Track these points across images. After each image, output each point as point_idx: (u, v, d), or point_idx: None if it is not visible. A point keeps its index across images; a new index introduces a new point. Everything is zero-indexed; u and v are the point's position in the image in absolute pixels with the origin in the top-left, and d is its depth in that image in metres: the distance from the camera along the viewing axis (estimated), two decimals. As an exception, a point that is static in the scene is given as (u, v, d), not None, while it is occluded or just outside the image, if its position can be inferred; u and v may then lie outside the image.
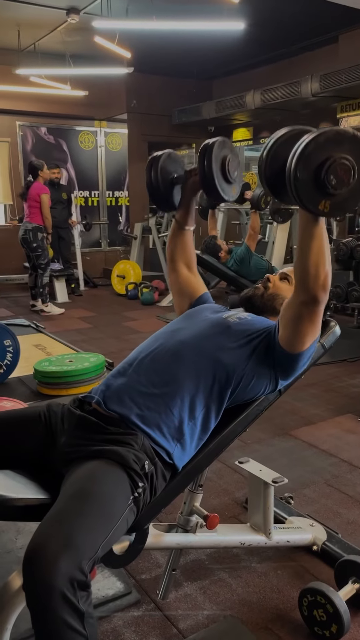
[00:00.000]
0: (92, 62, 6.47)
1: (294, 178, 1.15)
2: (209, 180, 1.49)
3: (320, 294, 1.28)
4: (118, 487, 1.20)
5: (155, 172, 1.60)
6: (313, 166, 1.14)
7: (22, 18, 5.64)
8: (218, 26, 4.61)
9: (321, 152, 1.14)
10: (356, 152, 1.16)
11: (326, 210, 1.18)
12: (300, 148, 1.15)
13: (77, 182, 8.62)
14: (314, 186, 1.16)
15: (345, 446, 2.78)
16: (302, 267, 1.27)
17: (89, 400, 1.42)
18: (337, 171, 1.14)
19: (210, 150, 1.48)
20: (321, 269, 1.26)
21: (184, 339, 1.48)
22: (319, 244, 1.24)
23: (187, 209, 1.67)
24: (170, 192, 1.64)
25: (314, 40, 6.31)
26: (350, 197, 1.19)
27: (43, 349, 4.67)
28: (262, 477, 1.76)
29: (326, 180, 1.14)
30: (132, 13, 5.19)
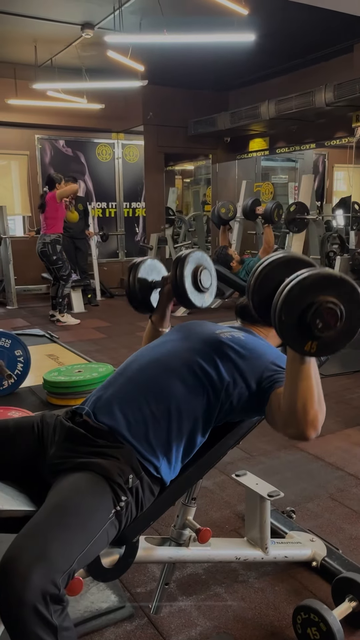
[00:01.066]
0: (108, 76, 6.56)
1: (279, 320, 1.13)
2: (180, 289, 1.60)
3: (309, 432, 1.23)
4: (99, 500, 1.19)
5: (134, 278, 1.72)
6: (298, 310, 1.12)
7: (38, 34, 5.75)
8: (228, 38, 4.64)
9: (306, 296, 1.11)
10: (343, 295, 1.13)
11: (313, 351, 1.15)
12: (286, 291, 1.13)
13: (95, 194, 8.71)
14: (299, 329, 1.13)
15: (352, 459, 2.73)
16: (290, 403, 1.23)
17: (80, 412, 1.43)
18: (323, 315, 1.11)
19: (183, 262, 1.59)
20: (309, 408, 1.21)
21: (175, 351, 1.48)
22: (307, 383, 1.20)
23: (162, 313, 1.76)
24: (147, 296, 1.75)
25: (328, 50, 6.30)
26: (338, 338, 1.15)
27: (56, 358, 4.71)
28: (258, 491, 1.74)
29: (312, 324, 1.11)
30: (145, 27, 5.26)
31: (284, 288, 1.14)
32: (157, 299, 1.77)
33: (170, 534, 1.63)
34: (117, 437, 1.33)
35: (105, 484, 1.22)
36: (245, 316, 1.65)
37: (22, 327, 6.12)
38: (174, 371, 1.42)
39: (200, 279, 1.62)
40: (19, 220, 8.41)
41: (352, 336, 1.18)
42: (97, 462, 1.26)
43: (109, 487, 1.22)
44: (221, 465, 2.63)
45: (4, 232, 7.12)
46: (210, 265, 1.68)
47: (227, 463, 2.67)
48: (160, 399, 1.38)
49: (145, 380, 1.43)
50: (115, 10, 4.76)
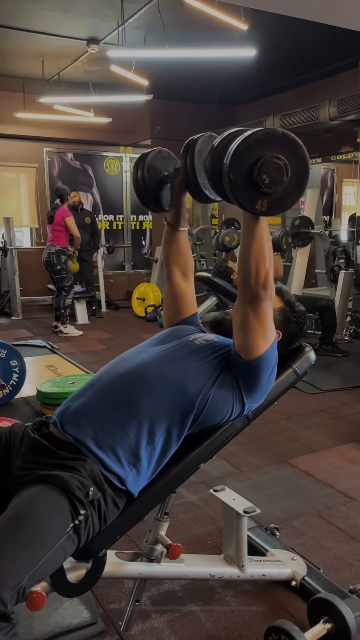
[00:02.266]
0: (114, 90, 6.64)
1: (228, 180, 1.18)
2: (191, 177, 1.42)
3: (261, 291, 1.31)
4: (56, 513, 1.17)
5: (142, 170, 1.55)
6: (245, 167, 1.16)
7: (45, 49, 5.84)
8: (229, 53, 4.67)
9: (252, 153, 1.16)
10: (287, 150, 1.17)
11: (264, 209, 1.20)
12: (232, 150, 1.17)
13: (102, 206, 8.77)
14: (248, 186, 1.17)
15: (343, 476, 2.68)
16: (244, 267, 1.31)
17: (47, 422, 1.42)
18: (269, 170, 1.15)
19: (194, 145, 1.41)
20: (261, 268, 1.29)
21: (146, 361, 1.47)
22: (259, 242, 1.27)
23: (177, 209, 1.60)
24: (158, 192, 1.58)
25: (334, 65, 6.32)
26: (286, 194, 1.20)
27: (54, 369, 4.71)
28: (234, 507, 1.70)
29: (259, 180, 1.15)
30: (149, 42, 5.32)
31: (230, 149, 1.18)
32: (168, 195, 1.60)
33: (142, 550, 1.60)
34: (80, 448, 1.31)
35: (63, 498, 1.20)
36: (221, 332, 1.63)
37: (25, 337, 6.14)
38: (145, 383, 1.41)
39: None
40: (26, 232, 8.48)
41: (300, 191, 1.22)
42: (57, 474, 1.24)
43: (67, 500, 1.20)
44: (209, 480, 2.60)
45: (10, 243, 7.18)
46: None
47: (215, 477, 2.64)
48: (129, 410, 1.37)
49: (115, 391, 1.41)
50: (119, 26, 4.82)
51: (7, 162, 7.88)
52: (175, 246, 1.65)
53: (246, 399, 1.46)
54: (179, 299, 1.69)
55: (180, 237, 1.64)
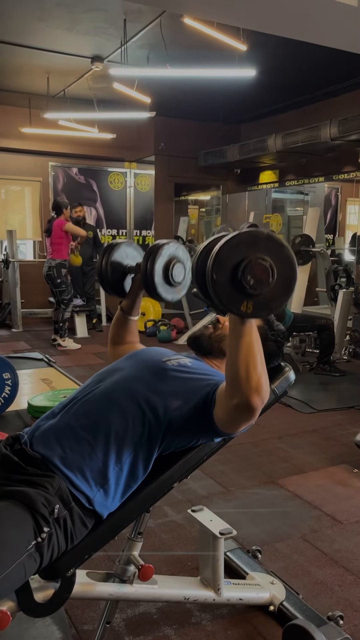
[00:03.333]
0: (118, 107, 6.72)
1: (212, 280, 1.13)
2: (149, 282, 1.55)
3: (254, 398, 1.18)
4: (17, 530, 1.16)
5: (107, 260, 1.67)
6: (229, 268, 1.12)
7: (51, 66, 5.93)
8: (229, 73, 4.72)
9: (235, 254, 1.12)
10: (272, 251, 1.13)
11: (249, 311, 1.14)
12: (215, 251, 1.14)
13: (106, 221, 8.83)
14: (232, 287, 1.12)
15: (332, 499, 2.64)
16: (232, 370, 1.20)
17: (19, 439, 1.41)
18: (254, 271, 1.10)
19: (156, 253, 1.53)
20: (252, 371, 1.17)
21: (117, 380, 1.46)
22: (247, 343, 1.18)
23: (133, 300, 1.71)
24: (120, 281, 1.70)
25: (336, 86, 6.38)
26: (273, 297, 1.14)
27: (49, 383, 4.70)
28: (210, 528, 1.68)
29: (244, 281, 1.11)
30: (152, 60, 5.39)
31: (214, 250, 1.15)
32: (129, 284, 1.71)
33: (114, 570, 1.57)
34: (48, 465, 1.30)
35: (27, 514, 1.19)
36: (198, 347, 1.62)
37: (23, 350, 6.15)
38: (116, 403, 1.40)
39: (172, 272, 1.56)
40: (29, 245, 8.54)
41: (288, 294, 1.17)
42: (22, 490, 1.23)
43: (30, 517, 1.19)
44: (195, 499, 2.57)
45: (12, 255, 7.23)
46: (185, 257, 1.62)
47: (202, 497, 2.61)
48: (98, 430, 1.36)
49: (86, 412, 1.40)
50: (122, 45, 4.89)
51: (12, 175, 7.97)
52: (124, 331, 1.75)
53: (216, 435, 1.42)
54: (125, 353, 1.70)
55: (130, 324, 1.75)
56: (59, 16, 4.51)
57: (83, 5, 4.26)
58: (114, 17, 4.47)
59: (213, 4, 3.08)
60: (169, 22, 4.37)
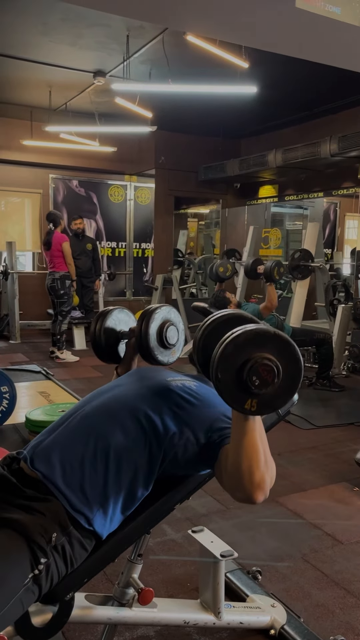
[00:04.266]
0: (119, 121, 6.76)
1: (216, 379, 1.12)
2: (144, 345, 1.57)
3: (257, 495, 1.16)
4: (13, 565, 1.13)
5: (100, 327, 1.69)
6: (234, 368, 1.11)
7: (53, 80, 5.97)
8: (230, 89, 4.76)
9: (241, 354, 1.11)
10: (279, 351, 1.12)
11: (253, 409, 1.13)
12: (220, 349, 1.12)
13: (105, 233, 8.84)
14: (237, 386, 1.12)
15: (332, 518, 2.61)
16: (235, 465, 1.18)
17: (18, 457, 1.39)
18: (259, 372, 1.09)
19: (149, 317, 1.57)
20: (255, 470, 1.15)
21: (119, 396, 1.44)
22: (251, 442, 1.16)
23: (128, 365, 1.72)
24: (114, 346, 1.72)
25: (336, 103, 6.43)
26: (277, 395, 1.13)
27: (47, 396, 4.67)
28: (211, 550, 1.65)
29: (249, 381, 1.09)
30: (154, 76, 5.43)
31: (219, 347, 1.13)
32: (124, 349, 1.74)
33: (113, 592, 1.55)
34: (48, 486, 1.27)
35: (23, 545, 1.16)
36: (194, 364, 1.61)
37: (21, 362, 6.12)
38: (116, 419, 1.38)
39: (166, 335, 1.59)
40: (29, 256, 8.54)
41: (292, 392, 1.15)
42: (19, 518, 1.19)
43: (27, 548, 1.16)
44: (194, 517, 2.55)
45: (11, 267, 7.22)
46: (177, 319, 1.66)
47: (200, 515, 2.58)
48: (99, 447, 1.33)
49: (86, 427, 1.38)
50: (124, 60, 4.93)
51: (12, 187, 7.99)
52: None
53: None
54: None
55: None
56: (62, 31, 4.54)
57: (86, 20, 4.29)
58: (117, 32, 4.51)
59: (216, 22, 3.10)
60: (171, 39, 4.41)
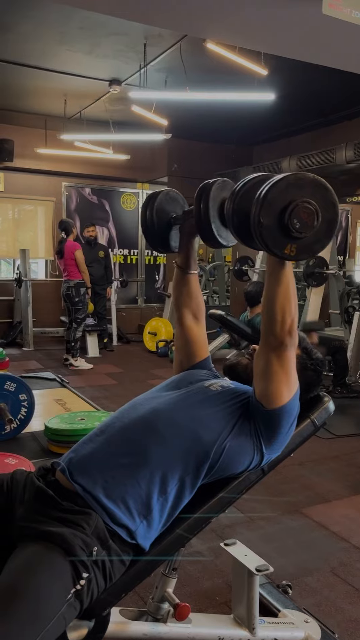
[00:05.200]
0: (134, 128, 6.78)
1: (258, 224, 1.15)
2: (204, 224, 1.39)
3: (286, 338, 1.28)
4: (56, 581, 1.10)
5: (151, 211, 1.53)
6: (276, 211, 1.15)
7: (68, 89, 6.00)
8: (248, 97, 4.75)
9: (283, 197, 1.15)
10: (318, 195, 1.16)
11: (292, 254, 1.18)
12: (262, 194, 1.15)
13: (117, 241, 8.85)
14: (278, 231, 1.16)
15: (359, 530, 2.56)
16: (269, 313, 1.27)
17: (54, 468, 1.36)
18: (300, 215, 1.14)
19: (208, 191, 1.39)
20: (287, 314, 1.26)
21: (159, 407, 1.41)
22: (285, 288, 1.25)
23: (187, 252, 1.58)
24: (167, 233, 1.56)
25: (351, 110, 6.42)
26: (316, 240, 1.19)
27: (63, 404, 4.65)
28: (245, 564, 1.61)
29: (290, 224, 1.14)
30: (170, 84, 5.44)
31: (260, 192, 1.16)
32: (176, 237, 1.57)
33: (147, 607, 1.51)
34: (87, 499, 1.24)
35: (64, 561, 1.13)
36: (235, 377, 1.58)
37: (35, 369, 6.11)
38: (156, 429, 1.35)
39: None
40: (41, 264, 8.56)
41: (329, 236, 1.22)
42: (59, 532, 1.17)
43: (68, 563, 1.13)
44: (219, 529, 2.50)
45: (25, 274, 7.24)
46: None
47: (225, 526, 2.54)
48: (141, 458, 1.31)
49: (126, 438, 1.36)
50: (141, 69, 4.95)
51: (26, 195, 8.02)
52: (186, 289, 1.61)
53: (265, 449, 1.40)
54: (190, 343, 1.64)
55: (191, 280, 1.61)
56: (79, 40, 4.57)
57: (105, 29, 4.31)
58: (135, 41, 4.52)
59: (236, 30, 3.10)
60: (189, 47, 4.41)
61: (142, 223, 1.57)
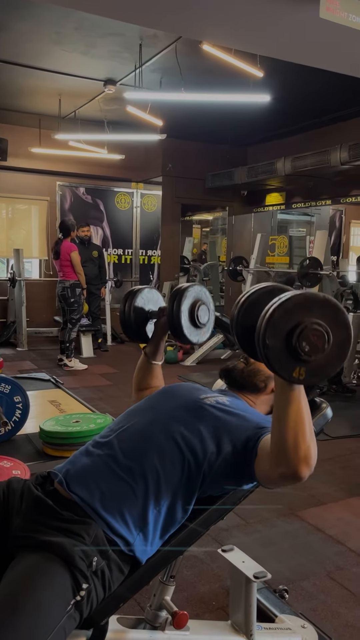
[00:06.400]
0: (128, 128, 6.77)
1: (264, 345, 1.07)
2: (176, 325, 1.54)
3: (302, 469, 1.12)
4: (56, 593, 1.10)
5: (129, 306, 1.66)
6: (283, 333, 1.07)
7: (63, 88, 5.98)
8: (244, 98, 4.75)
9: (290, 318, 1.07)
10: (328, 316, 1.09)
11: (302, 378, 1.09)
12: (268, 314, 1.08)
13: (112, 240, 8.83)
14: (285, 353, 1.08)
15: (354, 533, 2.57)
16: (279, 437, 1.14)
17: (52, 478, 1.35)
18: (309, 337, 1.06)
19: (181, 295, 1.53)
20: (301, 440, 1.12)
21: (154, 418, 1.41)
22: (296, 411, 1.12)
23: (156, 346, 1.69)
24: (142, 326, 1.69)
25: (345, 111, 6.43)
26: (327, 363, 1.10)
27: (57, 405, 4.63)
28: (243, 571, 1.62)
29: (298, 347, 1.06)
30: (165, 84, 5.43)
31: (266, 312, 1.10)
32: (152, 329, 1.70)
33: (145, 615, 1.51)
34: (85, 510, 1.24)
35: (64, 571, 1.13)
36: (230, 382, 1.58)
37: (29, 369, 6.09)
38: (153, 442, 1.35)
39: (198, 314, 1.56)
40: (35, 263, 8.53)
41: (342, 359, 1.13)
42: (59, 542, 1.16)
43: (69, 573, 1.13)
44: (214, 532, 2.50)
45: (19, 274, 7.21)
46: (208, 300, 1.62)
47: (221, 529, 2.54)
48: (136, 471, 1.30)
49: (122, 449, 1.35)
50: (136, 69, 4.93)
51: (20, 194, 7.99)
52: (149, 375, 1.72)
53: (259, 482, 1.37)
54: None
55: (155, 368, 1.72)
56: (75, 40, 4.54)
57: (100, 29, 4.29)
58: (130, 41, 4.51)
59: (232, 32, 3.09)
60: (184, 47, 4.40)
61: (120, 316, 1.70)
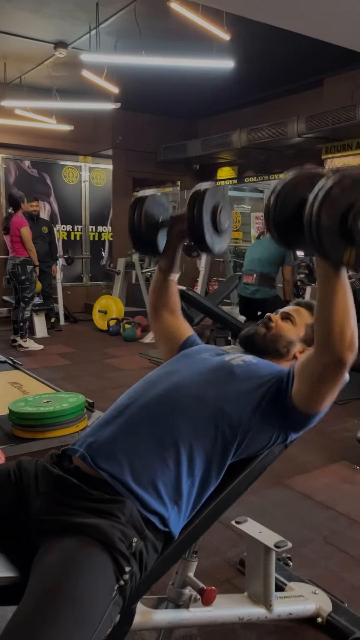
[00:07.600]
0: (79, 97, 6.46)
1: (317, 225, 1.01)
2: (198, 231, 1.37)
3: (347, 355, 1.10)
4: (99, 578, 1.00)
5: (139, 214, 1.47)
6: (339, 211, 1.01)
7: (8, 50, 5.60)
8: (207, 64, 4.61)
9: (348, 196, 1.01)
10: None
11: (352, 261, 1.04)
12: (324, 191, 1.01)
13: (60, 216, 8.51)
14: (339, 234, 1.02)
15: (341, 497, 2.59)
16: (325, 326, 1.11)
17: (70, 454, 1.23)
18: None
19: (202, 198, 1.36)
20: (347, 327, 1.09)
21: (181, 384, 1.31)
22: (343, 298, 1.08)
23: (172, 257, 1.54)
24: (154, 237, 1.51)
25: (300, 83, 6.40)
26: None
27: (19, 387, 4.41)
28: (262, 541, 1.56)
29: (354, 227, 1.00)
30: (120, 49, 5.19)
31: (319, 190, 1.02)
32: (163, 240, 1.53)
33: (167, 594, 1.43)
34: (116, 487, 1.13)
35: (105, 554, 1.03)
36: (252, 347, 1.49)
37: (-19, 352, 5.79)
38: (182, 408, 1.25)
39: (219, 219, 1.40)
40: (-20, 241, 8.09)
41: None
42: (94, 523, 1.05)
43: (109, 557, 1.03)
44: (206, 506, 2.44)
45: None
46: (226, 202, 1.47)
47: (211, 503, 2.49)
48: (168, 440, 1.21)
49: (149, 418, 1.25)
50: (91, 30, 4.67)
51: None
52: (165, 293, 1.58)
53: (291, 432, 1.33)
54: (171, 331, 1.58)
55: (171, 285, 1.58)
56: (26, -4, 4.24)
57: (53, -15, 4.02)
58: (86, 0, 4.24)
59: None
60: (144, 8, 4.20)
61: (129, 226, 1.49)
